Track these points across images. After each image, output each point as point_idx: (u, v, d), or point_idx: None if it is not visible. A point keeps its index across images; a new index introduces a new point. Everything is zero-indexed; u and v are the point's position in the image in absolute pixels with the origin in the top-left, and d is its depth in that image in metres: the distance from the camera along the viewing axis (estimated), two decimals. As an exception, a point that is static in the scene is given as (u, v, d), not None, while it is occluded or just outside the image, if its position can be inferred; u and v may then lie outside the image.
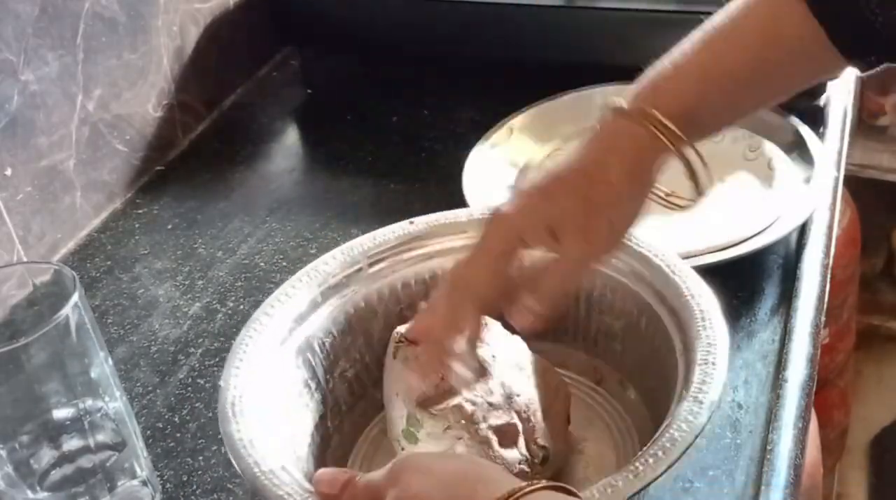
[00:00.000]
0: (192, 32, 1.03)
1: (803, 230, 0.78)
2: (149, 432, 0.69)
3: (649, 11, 0.94)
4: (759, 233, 0.76)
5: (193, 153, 1.02)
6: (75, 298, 0.55)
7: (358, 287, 0.67)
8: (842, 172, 0.89)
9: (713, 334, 0.57)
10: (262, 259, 0.85)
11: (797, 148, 0.85)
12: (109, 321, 0.80)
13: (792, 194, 0.80)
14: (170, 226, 0.91)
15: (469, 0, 1.03)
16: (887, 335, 1.82)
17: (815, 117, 0.90)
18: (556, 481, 0.46)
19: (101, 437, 0.59)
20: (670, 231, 0.78)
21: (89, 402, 0.58)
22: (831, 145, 0.89)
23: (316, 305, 0.65)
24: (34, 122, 0.83)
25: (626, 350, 0.65)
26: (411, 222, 0.69)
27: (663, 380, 0.59)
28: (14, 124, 0.81)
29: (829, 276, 0.78)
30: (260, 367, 0.61)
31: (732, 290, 0.73)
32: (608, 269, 0.65)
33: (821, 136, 0.88)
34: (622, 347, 0.66)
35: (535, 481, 0.45)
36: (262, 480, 0.53)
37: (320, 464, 0.61)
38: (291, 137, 1.08)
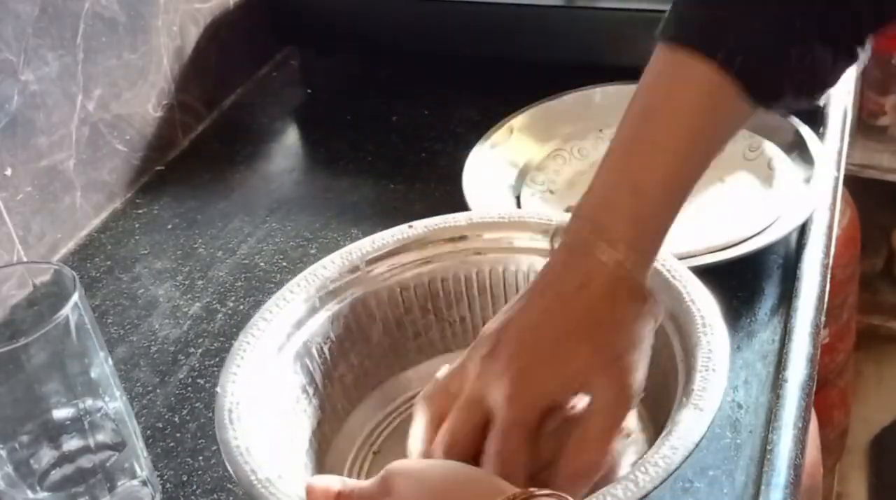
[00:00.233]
0: (192, 32, 1.03)
1: (803, 230, 0.78)
2: (149, 432, 0.69)
3: (649, 11, 0.94)
4: (759, 233, 0.76)
5: (193, 153, 1.02)
6: (75, 298, 0.55)
7: (356, 291, 0.66)
8: (842, 172, 0.89)
9: (714, 340, 0.56)
10: (262, 259, 0.85)
11: (797, 148, 0.85)
12: (109, 321, 0.80)
13: (792, 194, 0.80)
14: (170, 226, 0.91)
15: (469, 0, 1.03)
16: (887, 335, 1.82)
17: (815, 117, 0.90)
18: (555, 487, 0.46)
19: (101, 437, 0.59)
20: (670, 231, 0.78)
21: (89, 402, 0.58)
22: (831, 145, 0.89)
23: (314, 309, 0.65)
24: (34, 122, 0.83)
25: None
26: (410, 226, 0.68)
27: (664, 386, 0.59)
28: (14, 124, 0.81)
29: (829, 276, 0.78)
30: (257, 373, 0.60)
31: (732, 290, 0.73)
32: None
33: (821, 136, 0.88)
34: None
35: (532, 489, 0.44)
36: (259, 488, 0.52)
37: (318, 470, 0.61)
38: (291, 137, 1.08)
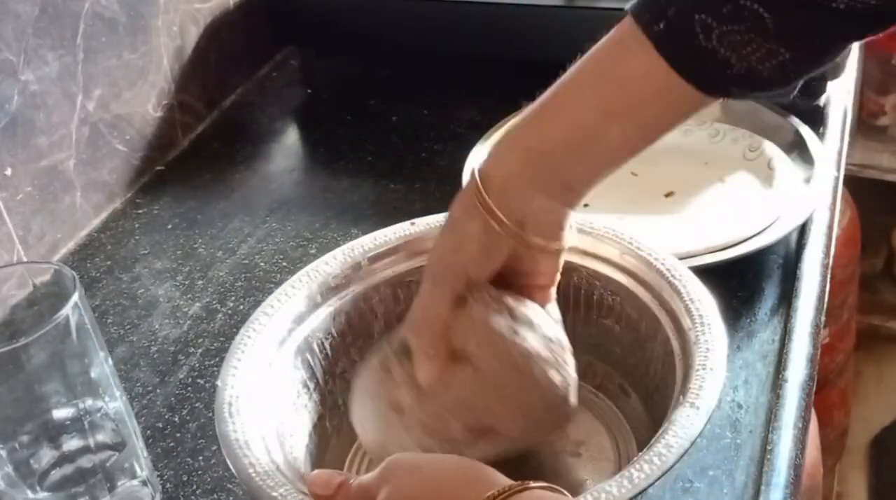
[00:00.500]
0: (192, 32, 1.03)
1: (803, 230, 0.78)
2: (149, 432, 0.69)
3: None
4: (759, 233, 0.76)
5: (193, 153, 1.02)
6: (75, 298, 0.55)
7: (358, 288, 0.67)
8: (842, 172, 0.89)
9: (712, 339, 0.57)
10: (262, 259, 0.85)
11: (797, 148, 0.85)
12: (109, 321, 0.80)
13: (792, 194, 0.80)
14: (170, 226, 0.91)
15: (469, 0, 1.03)
16: (887, 335, 1.82)
17: (815, 117, 0.90)
18: (552, 483, 0.46)
19: (101, 437, 0.59)
20: (670, 231, 0.78)
21: (89, 402, 0.58)
22: (831, 145, 0.89)
23: (316, 305, 0.65)
24: (34, 122, 0.83)
25: (626, 354, 0.65)
26: (412, 223, 0.69)
27: (662, 384, 0.59)
28: (14, 124, 0.81)
29: (829, 276, 0.78)
30: (258, 367, 0.60)
31: (732, 290, 0.73)
32: (609, 272, 0.65)
33: (821, 136, 0.88)
34: (622, 350, 0.66)
35: (526, 481, 0.45)
36: (258, 481, 0.52)
37: (317, 465, 0.61)
38: (291, 137, 1.08)
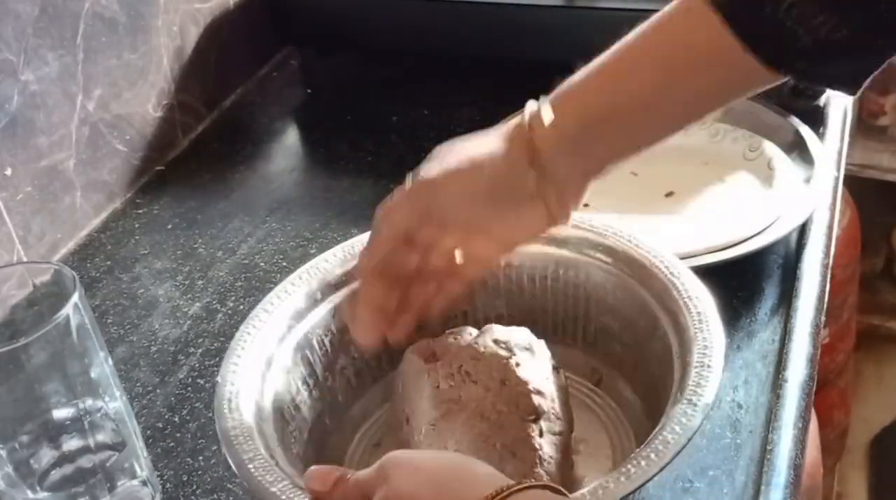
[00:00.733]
0: (192, 32, 1.03)
1: (803, 230, 0.78)
2: (149, 432, 0.69)
3: (649, 11, 0.94)
4: (759, 233, 0.76)
5: (193, 153, 1.02)
6: (75, 298, 0.55)
7: (358, 284, 0.67)
8: (842, 172, 0.89)
9: (710, 336, 0.57)
10: (262, 259, 0.85)
11: (797, 148, 0.85)
12: (109, 321, 0.80)
13: (792, 194, 0.80)
14: (170, 226, 0.91)
15: (469, 0, 1.03)
16: (887, 335, 1.82)
17: (815, 117, 0.90)
18: (553, 481, 0.46)
19: (101, 437, 0.59)
20: (670, 231, 0.78)
21: (89, 402, 0.58)
22: (831, 145, 0.89)
23: (315, 302, 0.65)
24: (34, 122, 0.83)
25: (625, 351, 0.65)
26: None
27: (661, 381, 0.59)
28: (14, 124, 0.81)
29: (829, 276, 0.78)
30: (258, 363, 0.61)
31: (732, 290, 0.73)
32: (608, 270, 0.65)
33: (821, 136, 0.88)
34: (621, 347, 0.66)
35: (525, 480, 0.45)
36: (257, 477, 0.53)
37: (317, 461, 0.61)
38: (291, 137, 1.08)
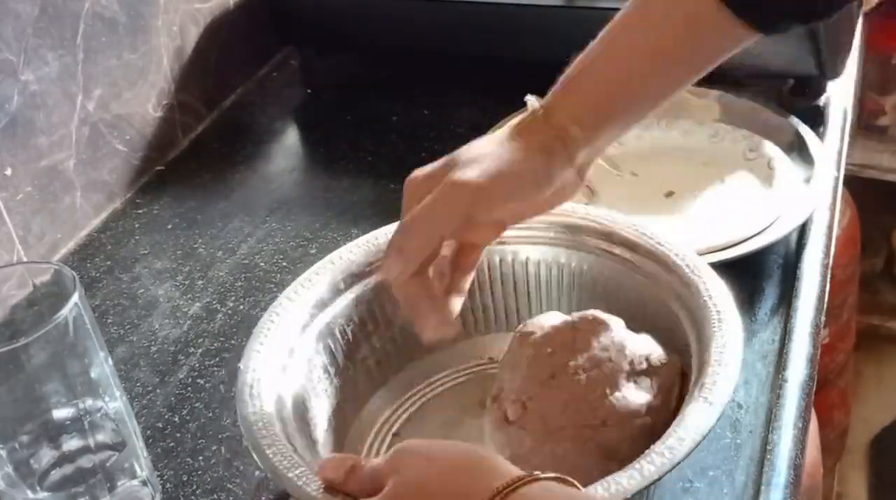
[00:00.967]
0: (192, 32, 1.03)
1: (803, 230, 0.78)
2: (149, 432, 0.69)
3: (649, 11, 0.94)
4: (759, 233, 0.76)
5: (193, 153, 1.02)
6: (75, 298, 0.55)
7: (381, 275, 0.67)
8: (842, 172, 0.89)
9: (728, 335, 0.57)
10: (262, 259, 0.85)
11: (797, 148, 0.85)
12: (109, 321, 0.80)
13: (792, 194, 0.80)
14: (170, 226, 0.91)
15: (469, 0, 1.03)
16: (887, 335, 1.82)
17: (815, 117, 0.90)
18: (568, 473, 0.46)
19: (101, 437, 0.59)
20: (670, 231, 0.78)
21: (89, 402, 0.58)
22: (831, 145, 0.89)
23: (339, 291, 0.66)
24: (34, 122, 0.83)
25: None
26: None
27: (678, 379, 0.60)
28: (14, 124, 0.81)
29: (829, 276, 0.78)
30: (280, 351, 0.61)
31: (732, 290, 0.73)
32: (628, 267, 0.65)
33: (821, 136, 0.88)
34: None
35: (537, 472, 0.45)
36: (275, 462, 0.53)
37: (336, 450, 0.62)
38: (291, 137, 1.08)
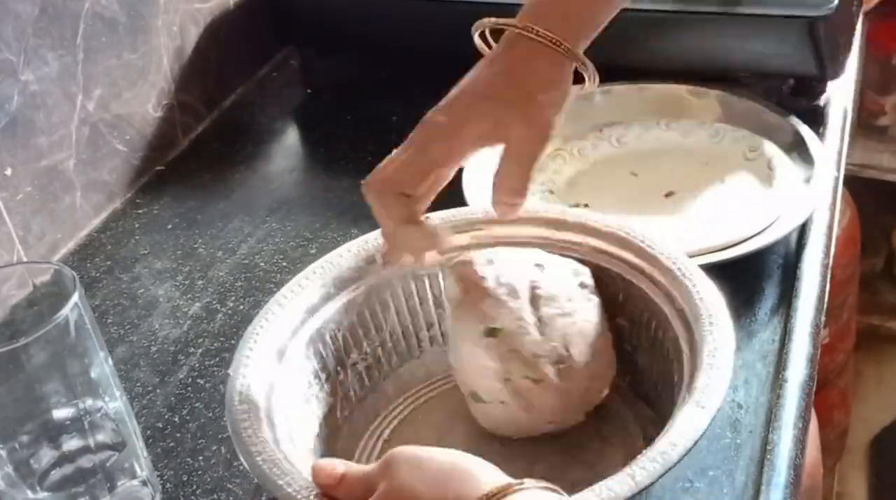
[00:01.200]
0: (192, 32, 1.03)
1: (803, 230, 0.78)
2: (149, 432, 0.69)
3: (649, 11, 0.94)
4: (759, 233, 0.76)
5: (193, 153, 1.02)
6: (75, 298, 0.55)
7: (371, 280, 0.67)
8: (842, 172, 0.89)
9: (719, 338, 0.57)
10: (262, 259, 0.85)
11: (797, 148, 0.85)
12: (109, 321, 0.80)
13: (792, 194, 0.80)
14: (170, 226, 0.91)
15: (469, 0, 1.03)
16: (887, 335, 1.82)
17: (815, 117, 0.90)
18: (562, 479, 0.46)
19: (101, 437, 0.59)
20: (670, 231, 0.78)
21: (89, 402, 0.58)
22: (831, 145, 0.89)
23: (329, 296, 0.66)
24: (34, 122, 0.83)
25: (636, 352, 0.66)
26: (427, 218, 0.69)
27: (669, 383, 0.60)
28: (14, 124, 0.81)
29: (829, 276, 0.78)
30: (270, 356, 0.61)
31: (732, 290, 0.73)
32: (621, 270, 0.65)
33: (821, 136, 0.88)
34: (632, 348, 0.66)
35: (525, 479, 0.45)
36: (264, 468, 0.53)
37: (327, 455, 0.62)
38: (291, 137, 1.08)
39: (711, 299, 0.60)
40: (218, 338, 0.77)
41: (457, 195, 0.82)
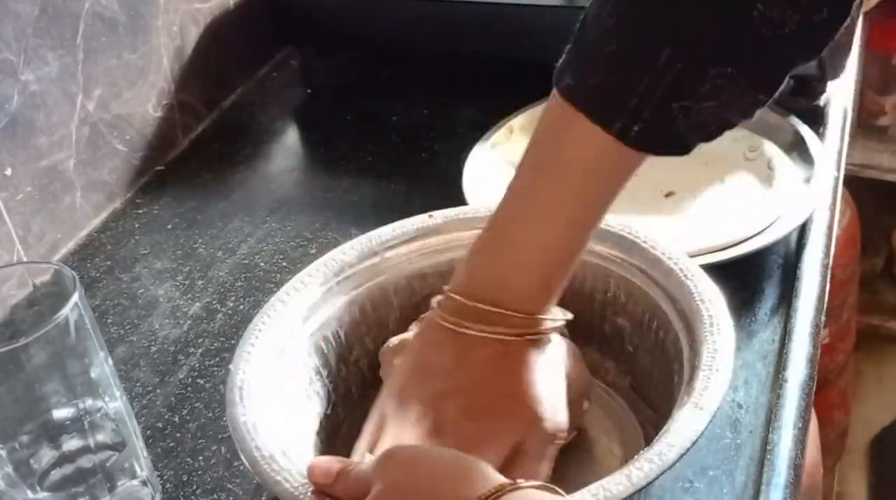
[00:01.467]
0: (192, 32, 1.03)
1: (803, 230, 0.78)
2: (149, 432, 0.69)
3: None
4: (759, 233, 0.76)
5: (193, 153, 1.02)
6: (75, 298, 0.55)
7: (374, 278, 0.67)
8: (842, 172, 0.89)
9: (720, 339, 0.57)
10: (262, 259, 0.85)
11: (797, 148, 0.85)
12: (109, 321, 0.80)
13: (792, 194, 0.80)
14: (170, 226, 0.91)
15: (469, 0, 1.03)
16: (887, 335, 1.82)
17: (815, 117, 0.90)
18: (561, 479, 0.46)
19: (101, 437, 0.59)
20: (670, 231, 0.78)
21: (89, 402, 0.58)
22: (831, 145, 0.89)
23: (331, 293, 0.66)
24: (34, 122, 0.83)
25: (637, 352, 0.66)
26: (430, 216, 0.70)
27: (670, 383, 0.60)
28: (14, 124, 0.81)
29: (829, 276, 0.78)
30: (271, 353, 0.61)
31: (732, 290, 0.73)
32: (622, 270, 0.65)
33: (821, 136, 0.88)
34: (633, 348, 0.66)
35: (522, 479, 0.45)
36: (262, 464, 0.53)
37: (328, 452, 0.62)
38: (291, 137, 1.08)
39: (713, 300, 0.59)
40: (218, 338, 0.77)
41: (456, 195, 0.82)
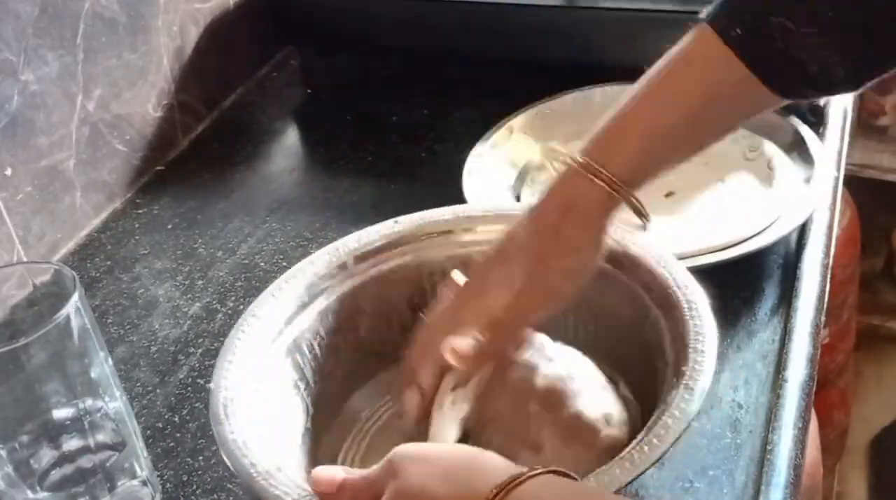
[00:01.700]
0: (192, 32, 1.03)
1: (803, 230, 0.78)
2: (149, 432, 0.69)
3: (649, 11, 0.94)
4: (759, 233, 0.76)
5: (193, 153, 1.02)
6: (75, 298, 0.55)
7: (344, 287, 0.67)
8: (842, 172, 0.89)
9: (701, 323, 0.58)
10: (262, 259, 0.85)
11: (797, 148, 0.85)
12: (109, 321, 0.80)
13: (792, 194, 0.80)
14: (170, 226, 0.91)
15: (469, 0, 1.03)
16: (887, 335, 1.82)
17: (815, 117, 0.90)
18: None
19: (101, 437, 0.59)
20: (671, 231, 0.78)
21: (89, 402, 0.58)
22: (831, 145, 0.89)
23: (303, 305, 0.66)
24: (34, 122, 0.83)
25: (620, 344, 0.66)
26: (396, 222, 0.70)
27: (654, 372, 0.60)
28: (14, 124, 0.81)
29: (829, 276, 0.78)
30: (249, 369, 0.61)
31: (732, 290, 0.73)
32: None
33: (821, 136, 0.88)
34: (616, 341, 0.66)
35: (536, 467, 0.45)
36: (259, 481, 0.53)
37: (312, 463, 0.61)
38: (291, 137, 1.08)
39: (689, 287, 0.61)
40: (218, 338, 0.77)
41: (456, 195, 0.82)
